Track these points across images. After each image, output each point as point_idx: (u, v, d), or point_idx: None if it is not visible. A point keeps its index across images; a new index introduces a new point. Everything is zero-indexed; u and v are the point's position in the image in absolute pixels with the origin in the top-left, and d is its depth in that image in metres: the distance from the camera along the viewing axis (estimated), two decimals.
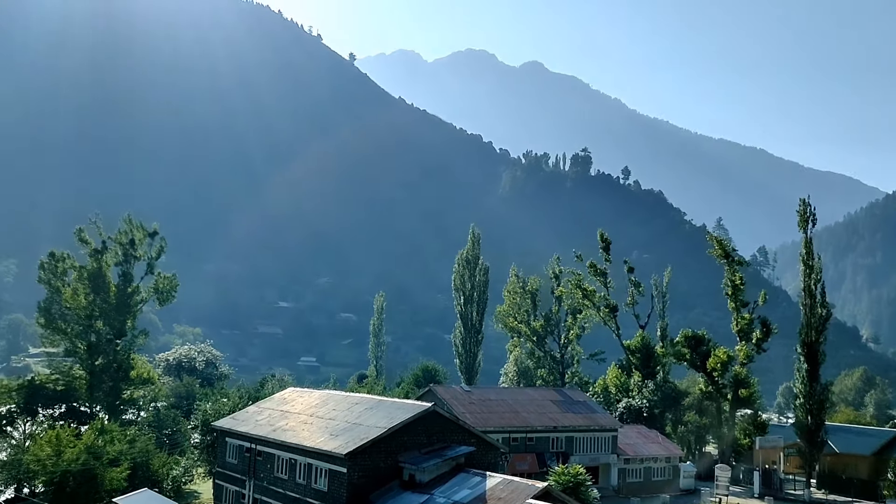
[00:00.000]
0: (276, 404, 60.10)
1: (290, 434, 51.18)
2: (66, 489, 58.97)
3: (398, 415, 47.37)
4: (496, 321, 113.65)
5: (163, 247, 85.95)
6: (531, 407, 75.05)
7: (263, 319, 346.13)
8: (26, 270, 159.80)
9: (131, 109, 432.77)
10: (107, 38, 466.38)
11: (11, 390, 77.60)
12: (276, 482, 50.84)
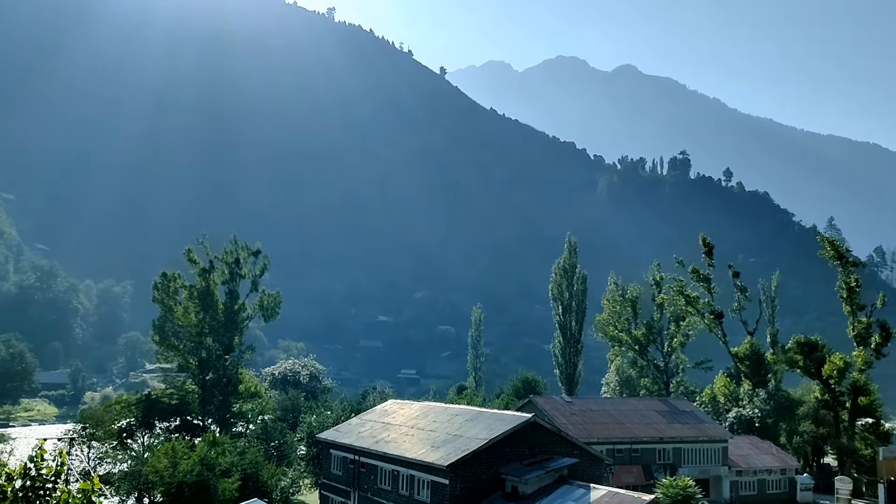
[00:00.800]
0: (378, 416, 60.79)
1: (392, 446, 51.62)
2: (182, 499, 61.36)
3: (498, 426, 47.02)
4: (596, 330, 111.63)
5: (266, 265, 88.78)
6: (635, 417, 73.16)
7: (364, 334, 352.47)
8: (142, 291, 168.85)
9: (234, 135, 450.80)
10: (212, 65, 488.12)
11: (131, 405, 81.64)
12: (379, 493, 51.31)
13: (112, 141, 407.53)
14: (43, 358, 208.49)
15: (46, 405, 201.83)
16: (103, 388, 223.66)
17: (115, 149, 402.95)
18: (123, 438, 76.79)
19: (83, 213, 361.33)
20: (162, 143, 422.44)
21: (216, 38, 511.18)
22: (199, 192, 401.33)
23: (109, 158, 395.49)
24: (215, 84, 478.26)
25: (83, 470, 66.73)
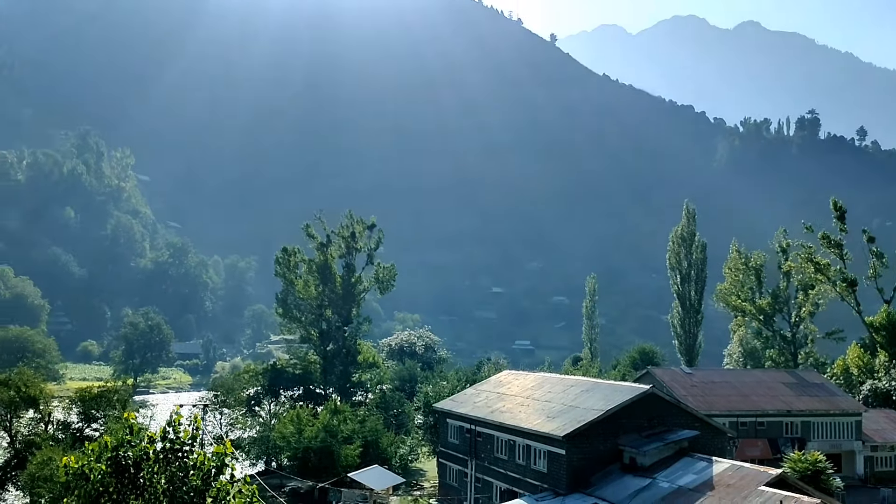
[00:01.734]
0: (493, 387, 61.14)
1: (507, 416, 51.84)
2: (308, 464, 64.08)
3: (615, 397, 46.35)
4: (717, 300, 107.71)
5: (380, 239, 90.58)
6: (760, 389, 70.32)
7: (478, 305, 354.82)
8: (265, 265, 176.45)
9: (346, 111, 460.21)
10: (322, 39, 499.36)
11: (258, 374, 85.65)
12: (496, 462, 51.76)
13: (232, 124, 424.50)
14: (178, 329, 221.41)
15: (182, 374, 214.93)
16: (232, 358, 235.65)
17: (235, 131, 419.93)
18: (252, 406, 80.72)
19: (210, 193, 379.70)
20: (278, 123, 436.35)
21: (326, 14, 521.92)
22: (314, 169, 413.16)
23: (231, 140, 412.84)
24: (326, 61, 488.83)
25: (216, 435, 70.69)
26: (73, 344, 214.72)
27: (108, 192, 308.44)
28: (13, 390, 60.41)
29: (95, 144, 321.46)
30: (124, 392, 66.70)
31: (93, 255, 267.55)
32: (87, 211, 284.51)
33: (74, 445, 55.96)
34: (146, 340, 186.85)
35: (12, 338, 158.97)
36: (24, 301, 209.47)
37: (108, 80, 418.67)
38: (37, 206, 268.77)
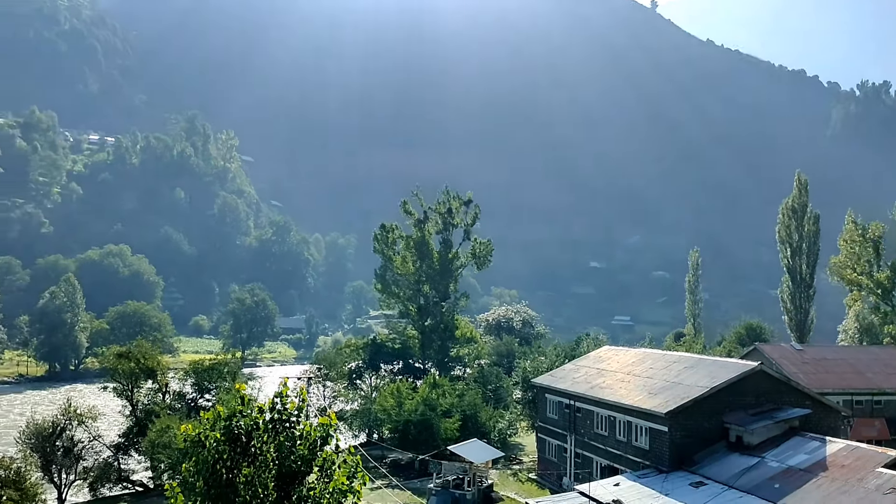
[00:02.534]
0: (593, 362, 60.47)
1: (607, 391, 51.22)
2: (408, 436, 65.30)
3: (721, 374, 45.02)
4: (830, 274, 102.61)
5: (477, 214, 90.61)
6: (878, 367, 66.76)
7: (576, 280, 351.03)
8: (364, 242, 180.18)
9: (442, 85, 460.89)
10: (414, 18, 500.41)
11: (359, 348, 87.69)
12: (596, 438, 51.29)
13: (331, 103, 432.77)
14: (282, 305, 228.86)
15: (286, 347, 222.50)
16: (334, 333, 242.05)
17: (334, 110, 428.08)
18: (353, 379, 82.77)
19: (310, 172, 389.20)
20: (375, 102, 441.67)
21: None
22: (411, 146, 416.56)
23: (329, 120, 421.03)
24: (419, 35, 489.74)
25: (320, 407, 72.90)
26: (186, 319, 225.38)
27: (215, 173, 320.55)
28: (133, 362, 64.02)
29: (202, 127, 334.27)
30: (234, 365, 69.64)
31: (202, 233, 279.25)
32: (195, 191, 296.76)
33: (189, 415, 58.94)
34: (252, 315, 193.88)
35: (131, 312, 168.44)
36: (140, 278, 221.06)
37: (212, 65, 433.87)
38: (150, 187, 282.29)
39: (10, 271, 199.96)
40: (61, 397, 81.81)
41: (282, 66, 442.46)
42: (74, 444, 56.99)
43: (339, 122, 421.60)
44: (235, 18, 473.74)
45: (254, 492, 20.53)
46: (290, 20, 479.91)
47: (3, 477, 48.14)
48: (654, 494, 39.28)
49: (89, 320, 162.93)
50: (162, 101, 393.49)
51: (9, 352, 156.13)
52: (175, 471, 48.72)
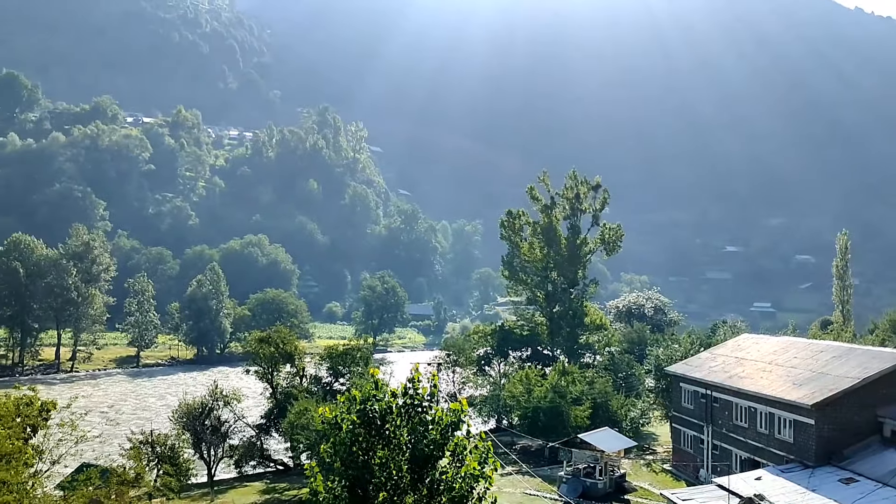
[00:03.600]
0: (730, 351, 57.97)
1: (747, 381, 48.97)
2: (537, 423, 65.00)
3: (873, 364, 42.02)
4: None
5: (606, 199, 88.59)
6: None
7: (711, 265, 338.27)
8: (491, 229, 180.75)
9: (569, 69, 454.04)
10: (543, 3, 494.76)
11: (487, 335, 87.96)
12: (735, 430, 49.20)
13: (456, 92, 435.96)
14: (411, 292, 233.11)
15: (415, 334, 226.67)
16: (461, 319, 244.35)
17: (459, 100, 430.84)
18: (482, 365, 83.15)
19: (436, 160, 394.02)
20: (502, 88, 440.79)
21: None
22: (538, 132, 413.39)
23: (455, 109, 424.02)
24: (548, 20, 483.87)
25: (449, 392, 73.73)
26: (320, 305, 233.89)
27: (346, 164, 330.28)
28: (273, 347, 66.96)
29: (333, 120, 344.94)
30: (366, 350, 71.40)
31: (334, 223, 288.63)
32: (327, 182, 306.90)
33: (325, 398, 61.08)
34: (383, 302, 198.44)
35: (270, 299, 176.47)
36: (278, 267, 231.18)
37: (342, 59, 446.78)
38: (285, 179, 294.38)
39: (161, 261, 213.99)
40: (208, 379, 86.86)
41: (408, 58, 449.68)
42: (221, 424, 60.32)
43: (466, 109, 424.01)
44: (363, 14, 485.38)
45: (388, 473, 20.96)
46: (418, 9, 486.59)
47: (160, 452, 51.69)
48: (799, 490, 37.21)
49: (232, 307, 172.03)
50: (295, 95, 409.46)
51: (162, 336, 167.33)
52: (313, 451, 50.62)
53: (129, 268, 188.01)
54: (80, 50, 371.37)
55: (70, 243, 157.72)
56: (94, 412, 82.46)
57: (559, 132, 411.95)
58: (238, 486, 59.53)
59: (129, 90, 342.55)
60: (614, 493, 51.96)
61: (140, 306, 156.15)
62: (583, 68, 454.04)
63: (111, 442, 68.37)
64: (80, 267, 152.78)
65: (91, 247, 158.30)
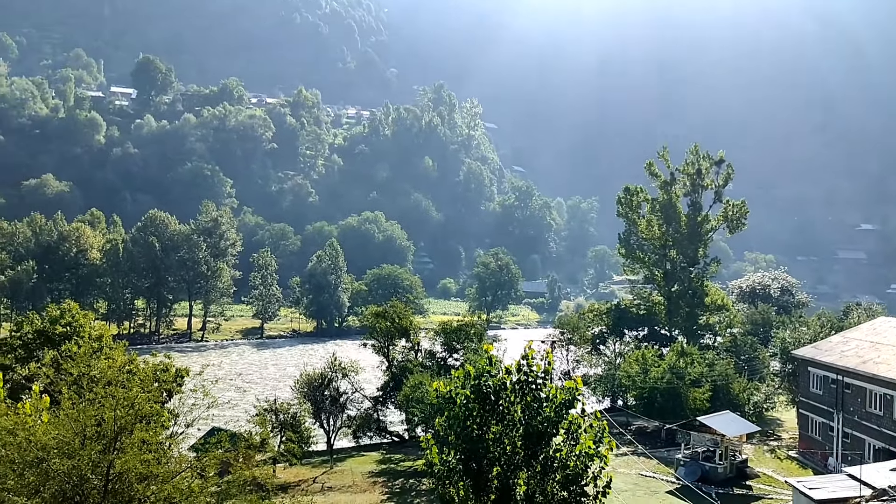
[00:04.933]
0: (865, 335, 54.63)
1: (883, 367, 46.06)
2: (653, 404, 63.63)
3: None
4: None
5: (730, 174, 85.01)
6: None
7: (843, 244, 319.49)
8: (607, 206, 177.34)
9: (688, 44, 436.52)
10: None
11: (602, 313, 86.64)
12: (868, 417, 46.47)
13: (572, 68, 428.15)
14: (524, 269, 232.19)
15: (529, 311, 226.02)
16: (576, 297, 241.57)
17: (576, 76, 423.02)
18: (596, 344, 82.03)
19: (551, 136, 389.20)
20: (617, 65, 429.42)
21: None
22: (657, 106, 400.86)
23: (571, 85, 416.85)
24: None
25: (563, 370, 73.19)
26: (434, 281, 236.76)
27: (460, 141, 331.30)
28: (389, 321, 68.41)
29: (448, 97, 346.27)
30: (479, 326, 71.77)
31: (448, 199, 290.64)
32: (442, 159, 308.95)
33: (440, 372, 61.92)
34: (497, 279, 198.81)
35: (386, 275, 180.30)
36: (393, 243, 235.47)
37: (456, 36, 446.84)
38: (401, 157, 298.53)
39: (283, 237, 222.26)
40: (327, 352, 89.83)
41: (523, 33, 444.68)
42: (340, 395, 62.31)
43: (582, 85, 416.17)
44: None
45: (502, 449, 21.04)
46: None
47: (283, 420, 54.00)
48: None
49: (350, 282, 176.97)
50: (411, 73, 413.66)
51: (284, 309, 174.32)
52: (428, 424, 51.53)
53: (254, 243, 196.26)
54: (209, 35, 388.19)
55: (200, 219, 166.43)
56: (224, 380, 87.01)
57: (678, 107, 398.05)
58: (356, 456, 61.44)
59: (253, 72, 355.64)
60: (735, 479, 50.30)
61: (264, 280, 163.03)
62: (703, 40, 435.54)
63: (239, 408, 72.02)
64: (209, 242, 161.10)
65: (219, 223, 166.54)
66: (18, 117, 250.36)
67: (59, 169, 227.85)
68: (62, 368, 27.17)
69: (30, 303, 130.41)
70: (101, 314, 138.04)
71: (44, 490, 19.11)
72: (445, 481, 21.23)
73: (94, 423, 20.06)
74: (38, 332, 48.60)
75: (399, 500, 47.93)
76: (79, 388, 21.79)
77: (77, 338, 45.74)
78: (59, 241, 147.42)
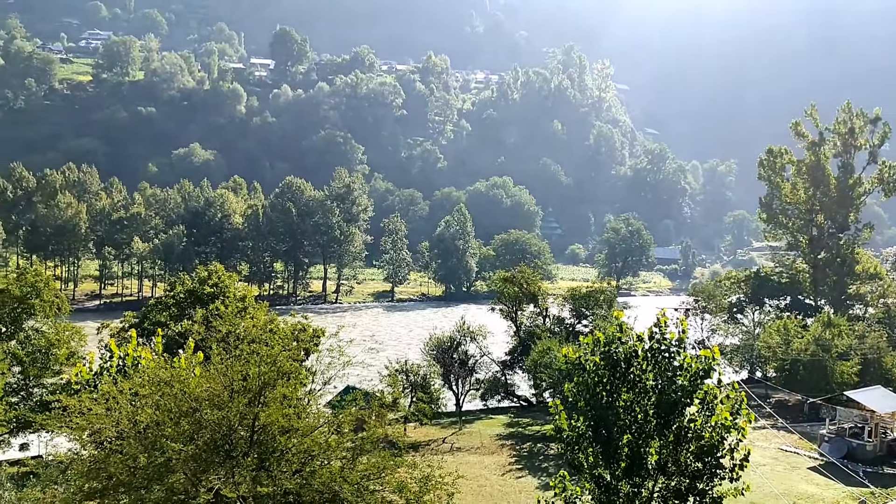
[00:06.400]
0: None
1: None
2: (795, 376, 60.70)
3: None
4: None
5: (887, 133, 78.92)
6: None
7: None
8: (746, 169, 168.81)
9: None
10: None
11: (739, 281, 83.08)
12: None
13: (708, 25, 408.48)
14: (656, 235, 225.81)
15: (661, 278, 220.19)
16: (711, 265, 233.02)
17: (712, 33, 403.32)
18: (733, 313, 78.86)
19: (687, 97, 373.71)
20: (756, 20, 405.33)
21: None
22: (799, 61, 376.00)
23: (706, 42, 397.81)
24: None
25: (697, 339, 70.94)
26: (562, 247, 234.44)
27: (590, 104, 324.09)
28: (517, 286, 68.47)
29: (578, 59, 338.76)
30: (609, 293, 70.67)
31: (577, 163, 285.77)
32: (571, 123, 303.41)
33: (568, 338, 61.50)
34: (627, 245, 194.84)
35: (513, 240, 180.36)
36: (521, 208, 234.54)
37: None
38: (529, 121, 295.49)
39: (413, 202, 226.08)
40: (455, 315, 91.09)
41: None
42: (468, 358, 63.21)
43: (718, 44, 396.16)
44: None
45: (633, 417, 20.71)
46: None
47: (413, 381, 55.46)
48: None
49: (478, 247, 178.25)
50: (540, 35, 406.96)
51: (413, 273, 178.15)
52: (556, 389, 51.44)
53: (384, 208, 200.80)
54: (341, 3, 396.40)
55: (333, 185, 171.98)
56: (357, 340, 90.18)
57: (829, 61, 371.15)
58: (483, 418, 62.27)
59: (383, 39, 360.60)
60: (885, 457, 47.39)
61: (394, 245, 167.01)
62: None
63: (371, 368, 74.52)
64: (342, 207, 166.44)
65: (351, 188, 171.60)
66: (168, 90, 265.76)
67: (204, 138, 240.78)
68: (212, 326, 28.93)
69: (180, 264, 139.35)
70: (243, 276, 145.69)
71: (197, 438, 20.51)
72: (574, 447, 21.23)
73: (240, 378, 21.27)
74: (189, 292, 51.91)
75: (527, 464, 48.27)
76: (226, 344, 23.12)
77: (223, 297, 48.56)
78: (206, 207, 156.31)
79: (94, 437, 21.54)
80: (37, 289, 50.31)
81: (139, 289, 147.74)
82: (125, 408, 20.92)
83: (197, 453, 20.24)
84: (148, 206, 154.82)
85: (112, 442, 21.13)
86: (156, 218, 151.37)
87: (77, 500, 20.36)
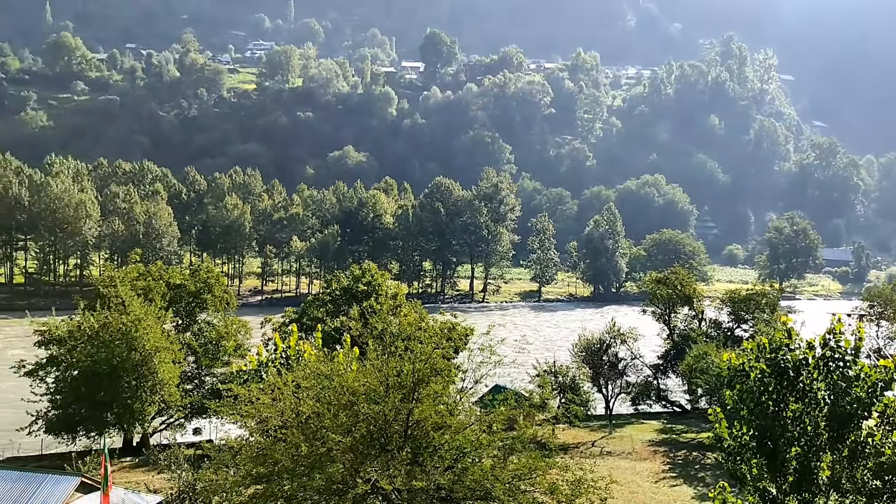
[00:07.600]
0: None
1: None
2: None
3: None
4: None
5: None
6: None
7: None
8: None
9: None
10: None
11: None
12: None
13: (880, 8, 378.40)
14: (825, 235, 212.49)
15: (829, 281, 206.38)
16: (888, 267, 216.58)
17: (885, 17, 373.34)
18: None
19: (859, 87, 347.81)
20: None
21: None
22: None
23: (880, 28, 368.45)
24: None
25: (872, 348, 65.68)
26: (719, 248, 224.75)
27: (751, 97, 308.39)
28: (670, 288, 66.20)
29: (738, 49, 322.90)
30: (772, 296, 66.96)
31: (735, 160, 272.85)
32: (729, 117, 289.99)
33: (726, 343, 58.75)
34: (791, 246, 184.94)
35: (666, 240, 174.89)
36: (674, 207, 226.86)
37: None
38: (684, 116, 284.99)
39: (561, 202, 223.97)
40: (605, 317, 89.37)
41: None
42: (618, 361, 61.81)
43: (891, 29, 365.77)
44: None
45: (802, 428, 19.56)
46: None
47: (562, 382, 54.84)
48: None
49: (628, 247, 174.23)
50: (696, 27, 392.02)
51: (561, 273, 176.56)
52: (713, 396, 49.28)
53: (532, 208, 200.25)
54: (489, 3, 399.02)
55: (481, 185, 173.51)
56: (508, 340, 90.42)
57: None
58: (635, 423, 60.71)
59: (532, 38, 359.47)
60: None
61: (541, 244, 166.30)
62: None
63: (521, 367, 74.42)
64: (489, 207, 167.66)
65: (499, 188, 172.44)
66: (325, 95, 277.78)
67: (357, 141, 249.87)
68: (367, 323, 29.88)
69: (335, 263, 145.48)
70: (393, 274, 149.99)
71: (354, 430, 21.24)
72: (736, 457, 20.35)
73: (395, 374, 21.82)
74: (344, 289, 53.95)
75: (682, 472, 46.53)
76: (381, 341, 23.79)
77: (377, 295, 50.09)
78: (359, 207, 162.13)
79: (261, 426, 22.79)
80: (209, 285, 54.09)
81: (297, 285, 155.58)
82: (289, 398, 22.00)
83: (354, 445, 20.96)
84: (305, 206, 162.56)
85: (277, 430, 22.27)
86: (312, 218, 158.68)
87: (246, 483, 21.63)
